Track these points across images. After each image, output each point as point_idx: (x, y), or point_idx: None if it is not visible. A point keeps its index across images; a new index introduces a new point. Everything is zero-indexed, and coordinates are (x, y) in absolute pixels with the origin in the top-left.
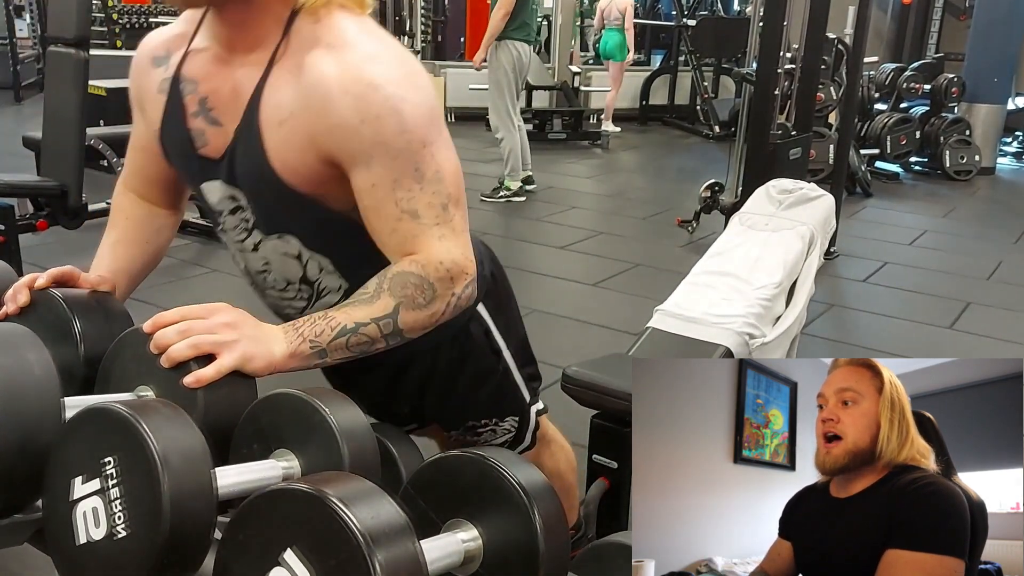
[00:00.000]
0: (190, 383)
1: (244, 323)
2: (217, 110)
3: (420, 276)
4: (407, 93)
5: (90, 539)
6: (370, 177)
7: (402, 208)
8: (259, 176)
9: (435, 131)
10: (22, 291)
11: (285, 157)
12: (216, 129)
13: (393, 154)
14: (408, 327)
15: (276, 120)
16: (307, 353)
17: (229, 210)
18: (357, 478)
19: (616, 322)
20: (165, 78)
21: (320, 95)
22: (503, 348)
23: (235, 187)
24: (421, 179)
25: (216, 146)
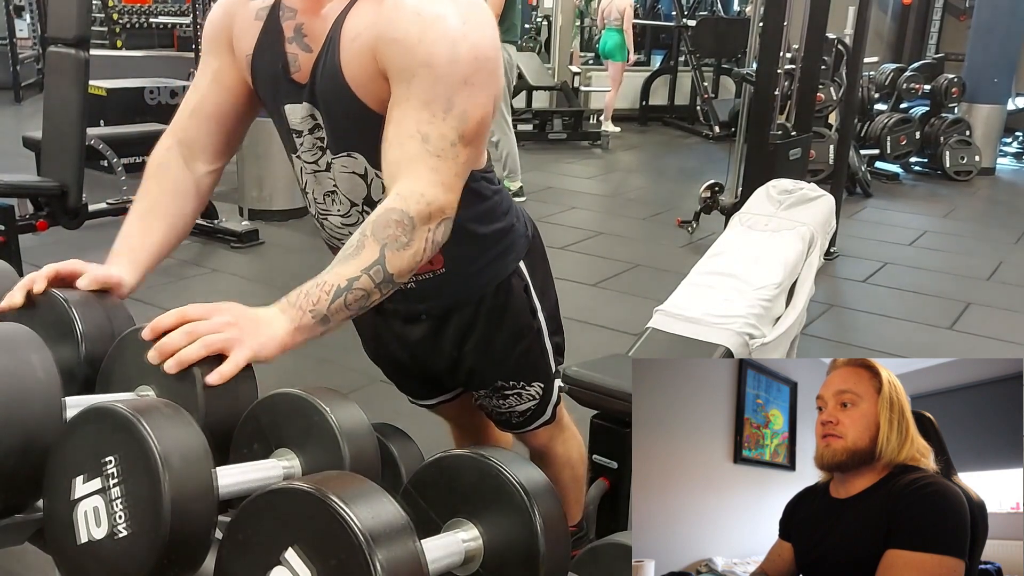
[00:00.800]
0: (214, 381)
1: (242, 316)
2: (309, 37)
3: (400, 211)
4: (470, 31)
5: (91, 539)
6: (407, 92)
7: (418, 128)
8: (335, 91)
9: (481, 76)
10: (18, 292)
11: (355, 70)
12: (307, 55)
13: (435, 78)
14: (397, 270)
15: (351, 35)
16: (310, 323)
17: (308, 129)
18: (358, 478)
19: (616, 322)
20: (263, 6)
21: (393, 12)
22: (538, 308)
23: (314, 106)
24: (448, 110)
25: (305, 71)
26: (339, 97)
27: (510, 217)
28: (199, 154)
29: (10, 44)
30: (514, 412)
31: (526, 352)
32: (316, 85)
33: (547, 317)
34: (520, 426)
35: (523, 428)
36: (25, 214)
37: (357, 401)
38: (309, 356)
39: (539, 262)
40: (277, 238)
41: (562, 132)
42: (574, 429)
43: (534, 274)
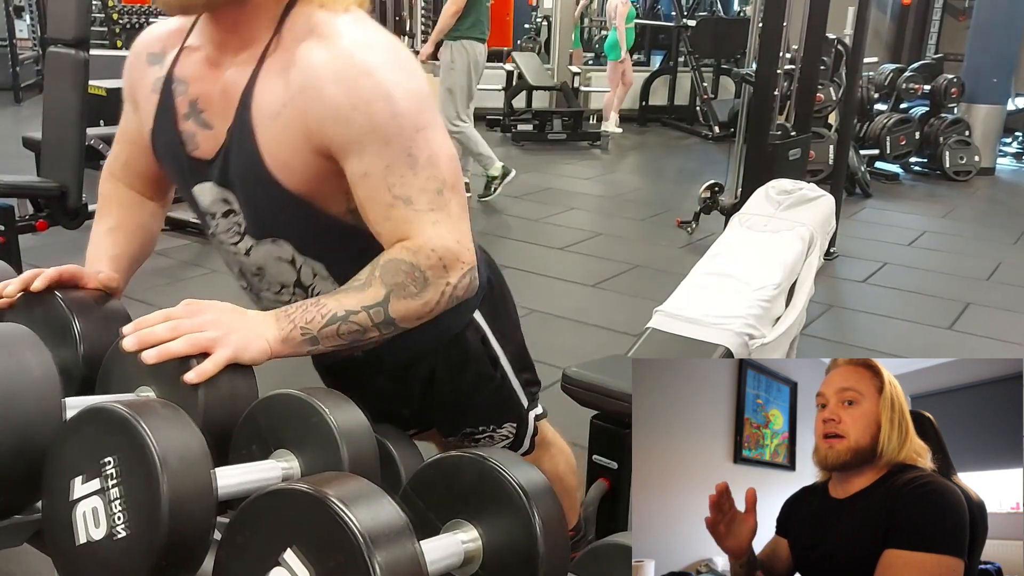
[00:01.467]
0: (191, 379)
1: (231, 316)
2: (208, 112)
3: (411, 263)
4: (399, 78)
5: (90, 539)
6: (363, 165)
7: (395, 194)
8: (253, 176)
9: (428, 116)
10: (15, 283)
11: (279, 153)
12: (207, 132)
13: (385, 139)
14: (400, 316)
15: (268, 115)
16: (298, 339)
17: (221, 213)
18: (357, 479)
19: (616, 323)
20: (159, 77)
21: (312, 84)
22: (500, 355)
23: (227, 189)
24: (414, 164)
25: (207, 148)
26: (260, 183)
27: None
28: (145, 193)
29: (10, 45)
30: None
31: (492, 399)
32: (229, 168)
33: (511, 359)
34: None
35: None
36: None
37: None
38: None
39: (499, 305)
40: None
41: (562, 132)
42: (560, 443)
43: (494, 320)
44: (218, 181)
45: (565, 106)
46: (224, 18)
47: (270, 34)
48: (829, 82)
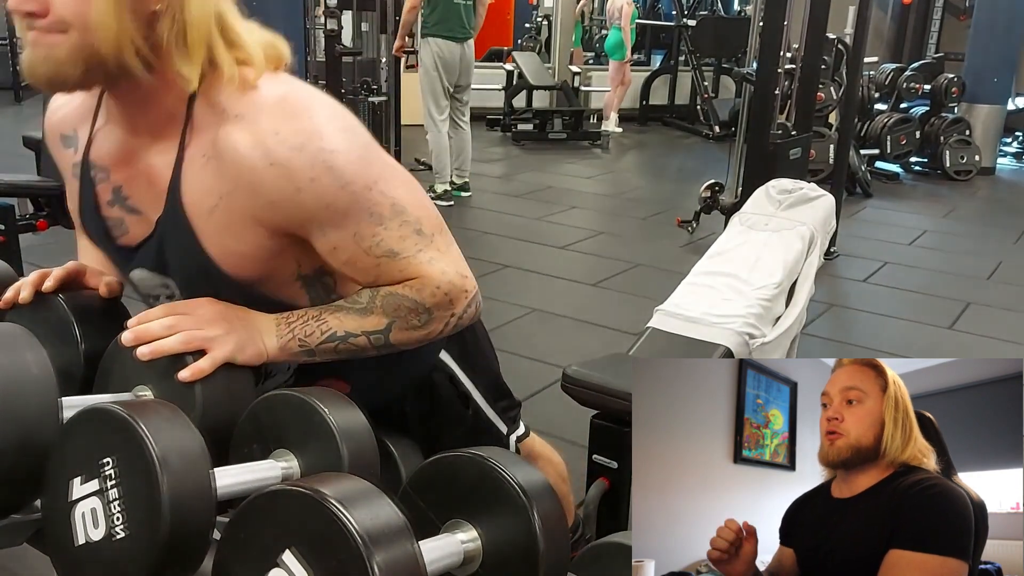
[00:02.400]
0: (186, 376)
1: (232, 315)
2: (133, 198)
3: (414, 300)
4: (333, 142)
5: (89, 540)
6: (328, 240)
7: (376, 255)
8: (194, 267)
9: (375, 168)
10: (27, 287)
11: (223, 243)
12: (136, 217)
13: (342, 211)
14: (400, 343)
15: (205, 208)
16: (295, 350)
17: (165, 296)
18: (356, 479)
19: (616, 322)
20: (75, 162)
21: (245, 173)
22: (471, 391)
23: (166, 276)
24: (381, 220)
25: (136, 234)
26: (202, 274)
27: None
28: None
29: (10, 44)
30: None
31: (467, 433)
32: (166, 258)
33: (485, 392)
34: None
35: None
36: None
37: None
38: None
39: (468, 338)
40: None
41: (562, 132)
42: (548, 453)
43: (463, 356)
44: (154, 268)
45: (565, 105)
46: (124, 101)
47: (183, 117)
48: (830, 81)
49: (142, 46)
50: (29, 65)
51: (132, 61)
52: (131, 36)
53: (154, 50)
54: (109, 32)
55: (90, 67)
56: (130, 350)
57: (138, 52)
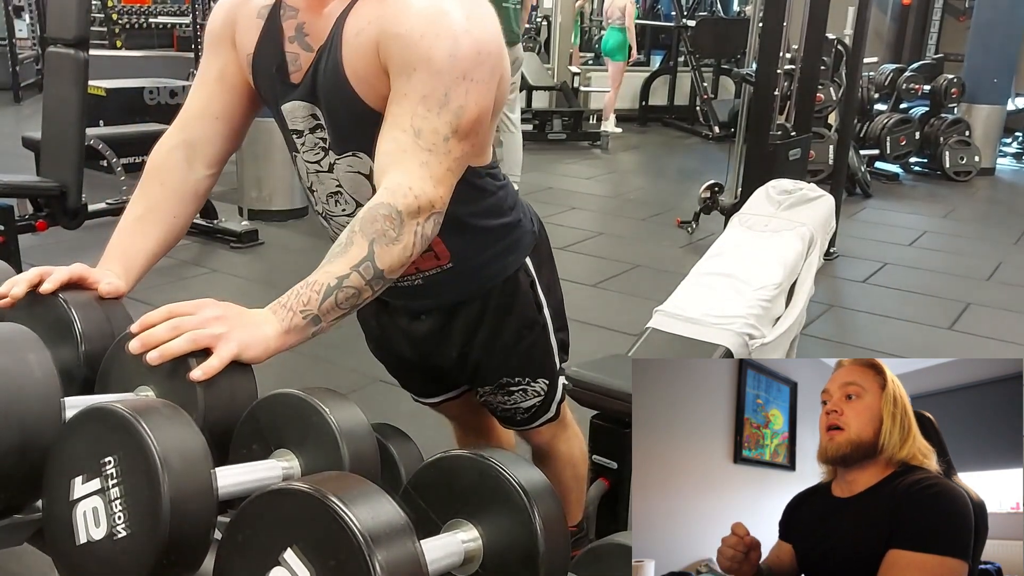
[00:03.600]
0: (197, 376)
1: (232, 313)
2: (311, 36)
3: (388, 204)
4: (472, 27)
5: (90, 539)
6: (406, 86)
7: (413, 123)
8: (336, 89)
9: (482, 71)
10: (20, 283)
11: (357, 67)
12: (308, 55)
13: (434, 71)
14: (387, 266)
15: (354, 31)
16: (301, 324)
17: (309, 128)
18: (357, 478)
19: (616, 323)
20: (265, 4)
21: (396, 7)
22: (544, 304)
23: (315, 104)
24: (444, 106)
25: (305, 69)
26: (340, 95)
27: (516, 212)
28: (202, 155)
29: (9, 44)
30: (519, 409)
31: (531, 348)
32: (317, 83)
33: (552, 314)
34: (524, 423)
35: (527, 425)
36: (25, 214)
37: (356, 401)
38: (307, 355)
39: (545, 259)
40: (277, 238)
41: (562, 132)
42: (576, 428)
43: (540, 270)
44: (307, 97)
45: (565, 106)
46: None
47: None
48: (829, 82)
49: None
50: None
51: None
52: None
53: None
54: None
55: None
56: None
57: None
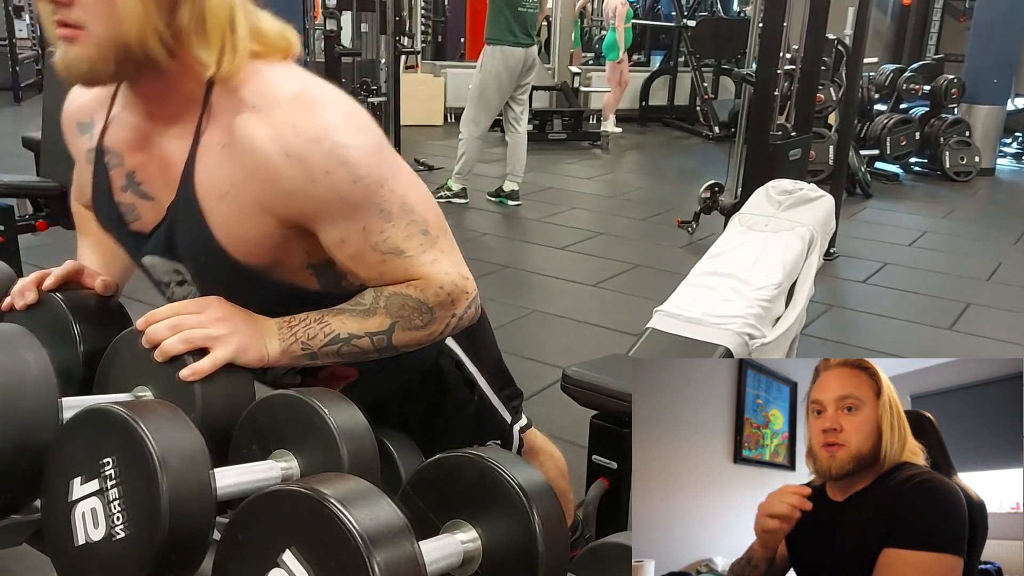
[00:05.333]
0: (186, 375)
1: (237, 316)
2: (146, 184)
3: (419, 300)
4: (349, 138)
5: (89, 540)
6: (337, 233)
7: (382, 251)
8: (204, 252)
9: (388, 165)
10: (30, 289)
11: (232, 231)
12: (148, 203)
13: (353, 205)
14: (402, 344)
15: (216, 195)
16: (298, 353)
17: (176, 282)
18: (356, 479)
19: (616, 323)
20: (90, 148)
21: (260, 163)
22: (476, 377)
23: (177, 262)
24: (390, 217)
25: (148, 220)
26: (212, 259)
27: None
28: None
29: (9, 45)
30: None
31: (473, 420)
32: (177, 244)
33: (489, 378)
34: None
35: None
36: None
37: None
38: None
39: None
40: None
41: (562, 132)
42: (549, 449)
43: (468, 342)
44: (165, 255)
45: (565, 106)
46: (144, 89)
47: (200, 105)
48: (829, 82)
49: (164, 32)
50: (64, 65)
51: (155, 47)
52: (154, 23)
53: (175, 37)
54: (135, 19)
55: (119, 59)
56: (130, 350)
57: (160, 38)
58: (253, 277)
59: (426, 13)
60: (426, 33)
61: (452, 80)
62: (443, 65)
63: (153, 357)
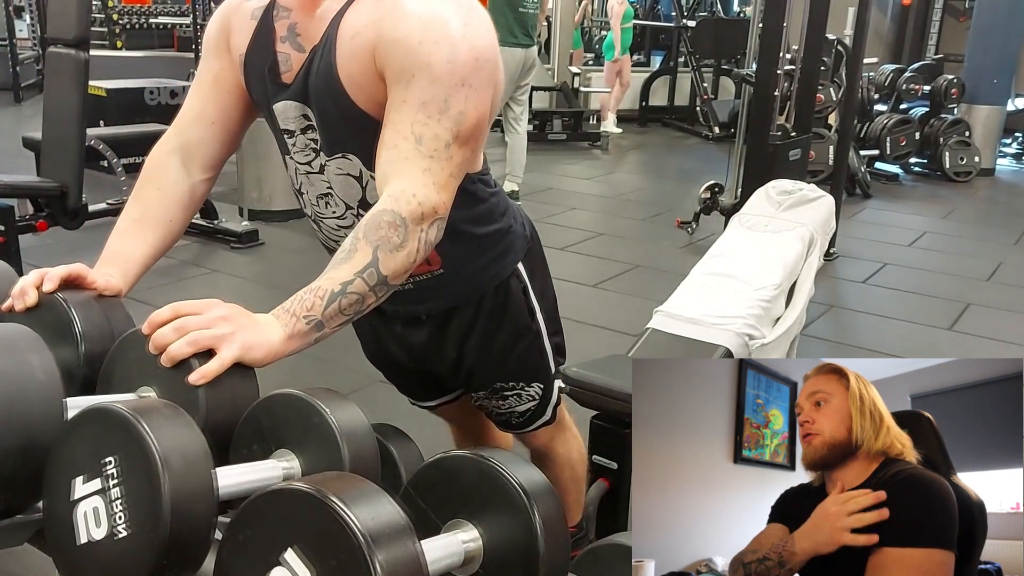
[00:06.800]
0: (195, 380)
1: (238, 315)
2: (303, 36)
3: (392, 211)
4: (470, 33)
5: (91, 539)
6: (405, 93)
7: (413, 130)
8: (328, 90)
9: (480, 78)
10: (30, 291)
11: (351, 69)
12: (299, 55)
13: (433, 78)
14: (391, 272)
15: (350, 33)
16: (304, 330)
17: (300, 129)
18: (357, 478)
19: (616, 323)
20: (259, 5)
21: (393, 12)
22: (537, 309)
23: (306, 104)
24: (444, 111)
25: (296, 70)
26: (332, 97)
27: (507, 218)
28: (199, 159)
29: (10, 45)
30: (514, 413)
31: (525, 353)
32: (309, 84)
33: (546, 318)
34: (520, 427)
35: (523, 429)
36: (25, 214)
37: (357, 401)
38: (308, 356)
39: (538, 264)
40: (277, 238)
41: (562, 133)
42: (574, 430)
43: (533, 276)
44: (299, 97)
45: (565, 106)
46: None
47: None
48: (829, 83)
49: None
50: None
51: None
52: None
53: None
54: None
55: None
56: (133, 351)
57: None
58: (367, 123)
59: None
60: None
61: None
62: None
63: (159, 361)
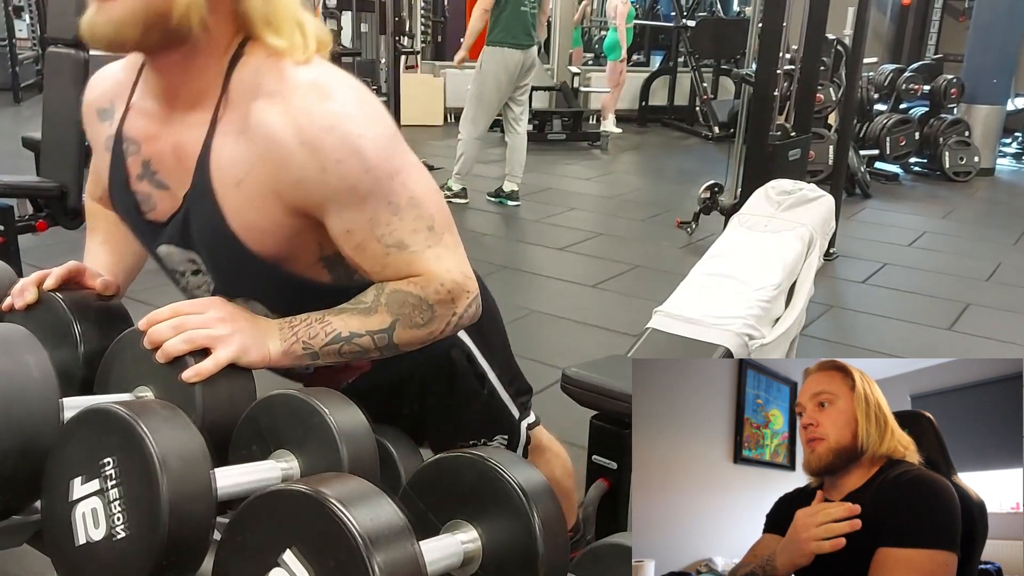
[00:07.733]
0: (188, 376)
1: (238, 317)
2: (162, 173)
3: (419, 297)
4: (363, 128)
5: (89, 540)
6: (344, 222)
7: (386, 243)
8: (218, 241)
9: (399, 158)
10: (30, 288)
11: (246, 218)
12: (163, 192)
13: (362, 195)
14: (404, 343)
15: (232, 181)
16: (299, 353)
17: (191, 272)
18: (356, 479)
19: (615, 323)
20: (109, 135)
21: (275, 149)
22: (487, 371)
23: (191, 251)
24: (397, 211)
25: (164, 210)
26: (227, 250)
27: None
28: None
29: (9, 45)
30: None
31: (481, 413)
32: (191, 232)
33: (499, 373)
34: None
35: None
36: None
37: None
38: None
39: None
40: None
41: (561, 133)
42: (556, 447)
43: (479, 338)
44: (180, 243)
45: (565, 106)
46: (166, 71)
47: (218, 91)
48: (829, 82)
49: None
50: (90, 27)
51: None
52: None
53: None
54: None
55: (149, 27)
56: (131, 350)
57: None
58: (266, 268)
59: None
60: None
61: (452, 80)
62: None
63: (154, 358)
